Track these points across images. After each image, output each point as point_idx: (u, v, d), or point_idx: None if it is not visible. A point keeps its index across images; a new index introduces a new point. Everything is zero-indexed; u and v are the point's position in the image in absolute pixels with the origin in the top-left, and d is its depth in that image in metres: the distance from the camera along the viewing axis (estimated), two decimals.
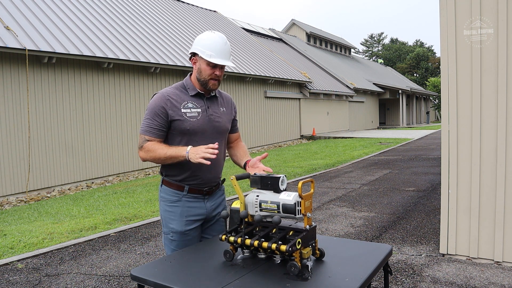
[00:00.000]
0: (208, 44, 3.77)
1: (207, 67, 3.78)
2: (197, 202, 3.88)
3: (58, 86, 15.68)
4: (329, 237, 3.70)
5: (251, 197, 3.11)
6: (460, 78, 6.36)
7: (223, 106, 4.09)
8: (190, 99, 3.86)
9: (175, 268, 3.06)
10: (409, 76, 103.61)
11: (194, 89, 3.90)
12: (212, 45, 3.76)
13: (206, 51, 3.76)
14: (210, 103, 3.96)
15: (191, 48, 3.91)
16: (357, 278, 2.70)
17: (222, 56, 3.77)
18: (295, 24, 55.55)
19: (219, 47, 3.77)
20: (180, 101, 3.81)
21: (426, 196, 11.23)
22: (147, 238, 8.49)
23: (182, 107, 3.79)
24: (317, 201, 11.20)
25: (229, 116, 4.13)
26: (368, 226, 8.73)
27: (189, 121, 3.76)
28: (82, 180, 16.62)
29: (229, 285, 2.65)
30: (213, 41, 3.78)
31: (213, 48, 3.75)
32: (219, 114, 3.98)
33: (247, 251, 3.09)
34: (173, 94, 3.85)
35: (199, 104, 3.88)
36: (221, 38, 3.83)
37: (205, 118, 3.85)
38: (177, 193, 3.90)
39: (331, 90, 37.98)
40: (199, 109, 3.85)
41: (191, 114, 3.80)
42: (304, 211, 2.86)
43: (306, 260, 2.79)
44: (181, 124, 3.75)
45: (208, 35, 3.84)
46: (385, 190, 12.44)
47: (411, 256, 6.91)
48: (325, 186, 13.48)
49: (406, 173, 15.25)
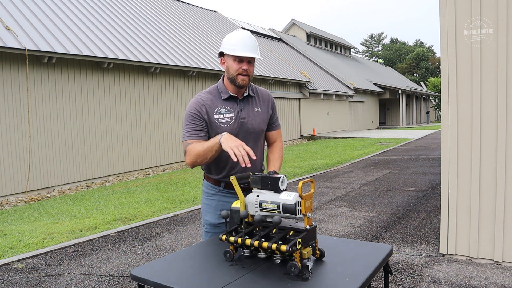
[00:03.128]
0: (232, 39, 3.77)
1: (233, 62, 3.77)
2: (232, 198, 3.90)
3: (58, 86, 15.69)
4: (329, 237, 3.70)
5: (251, 197, 3.11)
6: (460, 78, 6.36)
7: (259, 106, 4.05)
8: (223, 104, 3.86)
9: (175, 268, 3.05)
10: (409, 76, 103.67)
11: (226, 92, 3.90)
12: (236, 39, 3.76)
13: (230, 46, 3.76)
14: (244, 105, 3.94)
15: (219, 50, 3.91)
16: (357, 278, 2.70)
17: (246, 49, 3.74)
18: (295, 24, 55.53)
19: (243, 40, 3.76)
20: (213, 107, 3.83)
21: (426, 196, 11.23)
22: (147, 238, 8.49)
23: (215, 113, 3.81)
24: (317, 201, 11.20)
25: (264, 115, 4.07)
26: (368, 226, 8.73)
27: (221, 127, 3.79)
28: (82, 180, 16.62)
29: (229, 285, 2.65)
30: (236, 36, 3.78)
31: (237, 42, 3.74)
32: (252, 116, 3.96)
33: (247, 251, 3.08)
34: (207, 99, 3.86)
35: (232, 108, 3.87)
36: (245, 33, 3.82)
37: (237, 122, 3.85)
38: (214, 187, 4.04)
39: (331, 90, 38.00)
40: (231, 114, 3.85)
41: (224, 120, 3.81)
42: (304, 211, 2.86)
43: (306, 260, 2.79)
44: (214, 130, 3.78)
45: (232, 32, 3.86)
46: (385, 190, 12.44)
47: (411, 256, 6.91)
48: (325, 186, 13.49)
49: (406, 173, 15.25)
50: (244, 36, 3.77)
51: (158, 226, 9.32)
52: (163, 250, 7.76)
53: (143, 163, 19.46)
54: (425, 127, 50.57)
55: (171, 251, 7.60)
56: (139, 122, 19.20)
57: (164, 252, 7.62)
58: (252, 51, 3.76)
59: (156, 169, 19.97)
